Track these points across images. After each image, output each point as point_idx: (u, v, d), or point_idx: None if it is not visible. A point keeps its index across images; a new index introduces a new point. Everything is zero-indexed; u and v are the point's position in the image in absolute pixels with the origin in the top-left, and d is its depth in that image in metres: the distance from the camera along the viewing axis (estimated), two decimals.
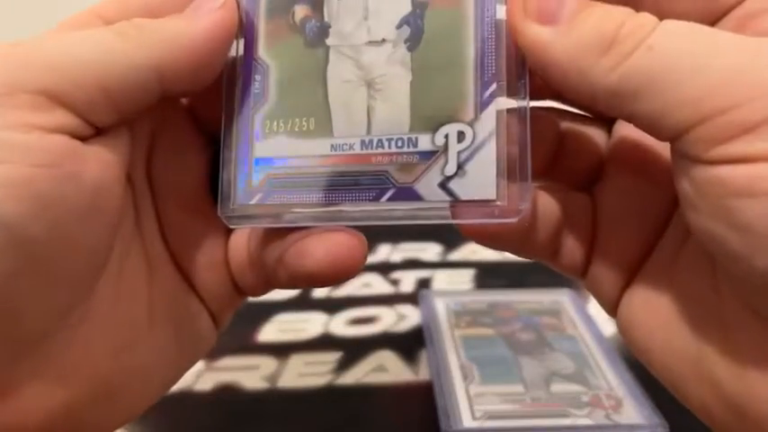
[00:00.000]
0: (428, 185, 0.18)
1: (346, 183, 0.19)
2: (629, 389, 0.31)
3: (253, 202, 0.20)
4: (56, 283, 0.18)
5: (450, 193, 0.18)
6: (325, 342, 0.37)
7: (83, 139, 0.18)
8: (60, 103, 0.17)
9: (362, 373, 0.34)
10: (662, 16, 0.17)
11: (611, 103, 0.17)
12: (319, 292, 0.41)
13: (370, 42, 0.19)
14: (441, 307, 0.38)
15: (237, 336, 0.36)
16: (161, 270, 0.22)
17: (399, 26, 0.19)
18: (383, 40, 0.19)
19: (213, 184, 0.21)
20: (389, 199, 0.19)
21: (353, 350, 0.36)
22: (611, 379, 0.32)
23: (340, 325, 0.38)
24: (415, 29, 0.19)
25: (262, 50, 0.20)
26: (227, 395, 0.33)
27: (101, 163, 0.18)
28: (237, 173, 0.20)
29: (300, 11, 0.19)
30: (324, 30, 0.19)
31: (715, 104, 0.15)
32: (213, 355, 0.35)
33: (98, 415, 0.20)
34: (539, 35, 0.17)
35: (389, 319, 0.39)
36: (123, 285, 0.20)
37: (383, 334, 0.38)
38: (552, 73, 0.17)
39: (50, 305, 0.18)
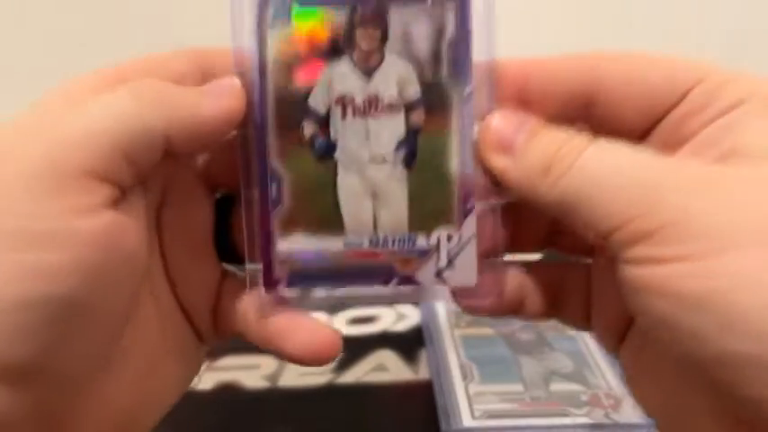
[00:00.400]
0: (425, 275, 0.23)
1: (358, 272, 0.23)
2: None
3: (278, 287, 0.23)
4: (96, 340, 0.20)
5: (442, 280, 0.23)
6: None
7: (116, 202, 0.20)
8: (98, 179, 0.19)
9: (363, 372, 0.35)
10: (611, 121, 0.21)
11: (557, 212, 0.20)
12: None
13: (372, 160, 0.22)
14: (440, 307, 0.38)
15: None
16: (166, 304, 0.23)
17: (397, 148, 0.22)
18: (384, 160, 0.22)
19: (217, 237, 0.24)
20: (395, 285, 0.23)
21: (354, 349, 0.37)
22: (610, 378, 0.33)
23: (340, 324, 0.39)
24: (409, 151, 0.22)
25: (274, 159, 0.22)
26: (229, 394, 0.33)
27: (134, 229, 0.20)
28: (262, 265, 0.23)
29: (309, 127, 0.22)
30: (331, 146, 0.22)
31: (623, 217, 0.18)
32: (214, 354, 0.35)
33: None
34: (499, 163, 0.21)
35: (389, 319, 0.39)
36: (138, 321, 0.22)
37: (383, 333, 0.38)
38: (513, 189, 0.21)
39: (92, 360, 0.20)
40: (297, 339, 0.23)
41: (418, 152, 0.22)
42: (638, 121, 0.21)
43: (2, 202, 0.18)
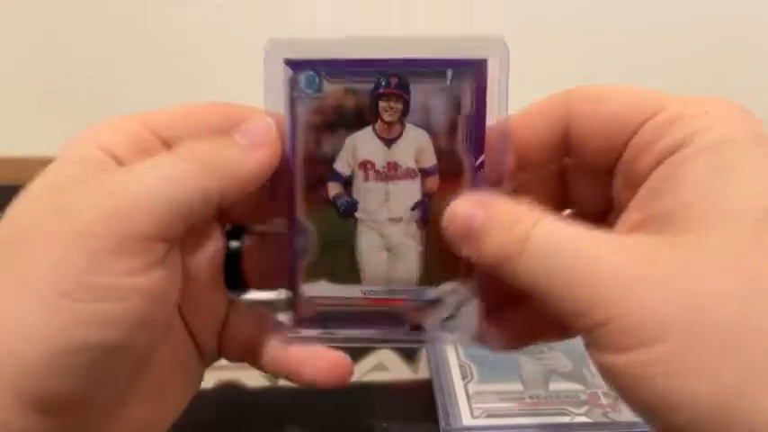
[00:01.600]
0: (432, 323, 0.26)
1: (374, 317, 0.26)
2: None
3: (303, 327, 0.26)
4: (130, 374, 0.22)
5: (447, 329, 0.26)
6: None
7: (165, 256, 0.22)
8: (156, 240, 0.21)
9: (363, 371, 0.35)
10: (584, 154, 0.23)
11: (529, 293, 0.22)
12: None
13: (390, 219, 0.25)
14: None
15: None
16: (177, 329, 0.25)
17: (412, 209, 0.25)
18: (400, 219, 0.25)
19: (226, 267, 0.27)
20: (406, 331, 0.26)
21: (354, 348, 0.37)
22: None
23: None
24: (423, 212, 0.25)
25: (301, 214, 0.25)
26: (230, 392, 0.33)
27: (176, 280, 0.23)
28: (291, 307, 0.26)
29: (333, 188, 0.25)
30: (353, 205, 0.25)
31: (572, 310, 0.20)
32: None
33: None
34: (467, 251, 0.23)
35: None
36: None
37: None
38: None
39: (122, 391, 0.22)
40: (318, 367, 0.26)
41: (432, 214, 0.25)
42: (605, 153, 0.23)
43: (67, 256, 0.20)
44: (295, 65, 0.24)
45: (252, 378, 0.35)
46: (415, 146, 0.24)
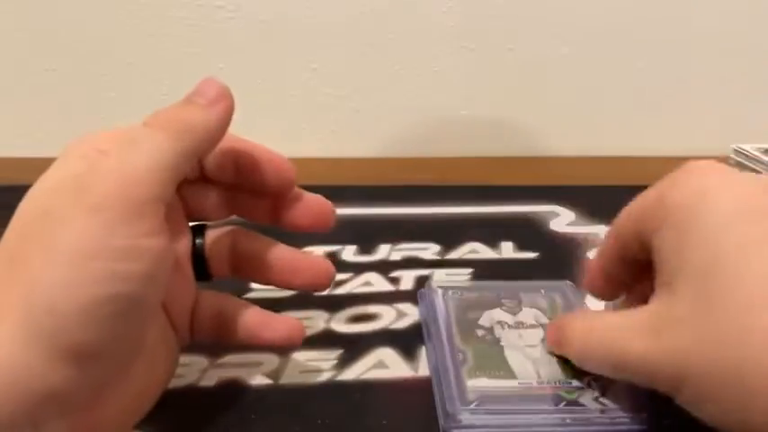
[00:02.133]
0: (587, 400, 0.31)
1: (532, 401, 0.31)
2: None
3: (468, 416, 0.31)
4: (139, 330, 0.26)
5: (603, 403, 0.31)
6: (326, 339, 0.37)
7: (164, 218, 0.26)
8: (160, 201, 0.25)
9: (363, 369, 0.36)
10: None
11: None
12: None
13: (527, 346, 0.35)
14: (439, 304, 0.38)
15: None
16: (160, 312, 0.29)
17: (542, 340, 0.36)
18: (535, 345, 0.35)
19: (194, 259, 0.32)
20: (564, 407, 0.31)
21: (354, 347, 0.38)
22: None
23: (341, 322, 0.39)
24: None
25: (458, 342, 0.35)
26: (231, 391, 0.33)
27: (169, 246, 0.26)
28: (457, 403, 0.31)
29: (480, 332, 0.36)
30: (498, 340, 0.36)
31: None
32: (217, 352, 0.36)
33: (135, 414, 0.28)
34: (566, 354, 0.33)
35: (389, 317, 0.40)
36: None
37: (383, 331, 0.38)
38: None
39: (133, 348, 0.26)
40: (276, 331, 0.32)
41: None
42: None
43: (90, 227, 0.23)
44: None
45: (254, 376, 0.35)
46: (531, 316, 0.37)
